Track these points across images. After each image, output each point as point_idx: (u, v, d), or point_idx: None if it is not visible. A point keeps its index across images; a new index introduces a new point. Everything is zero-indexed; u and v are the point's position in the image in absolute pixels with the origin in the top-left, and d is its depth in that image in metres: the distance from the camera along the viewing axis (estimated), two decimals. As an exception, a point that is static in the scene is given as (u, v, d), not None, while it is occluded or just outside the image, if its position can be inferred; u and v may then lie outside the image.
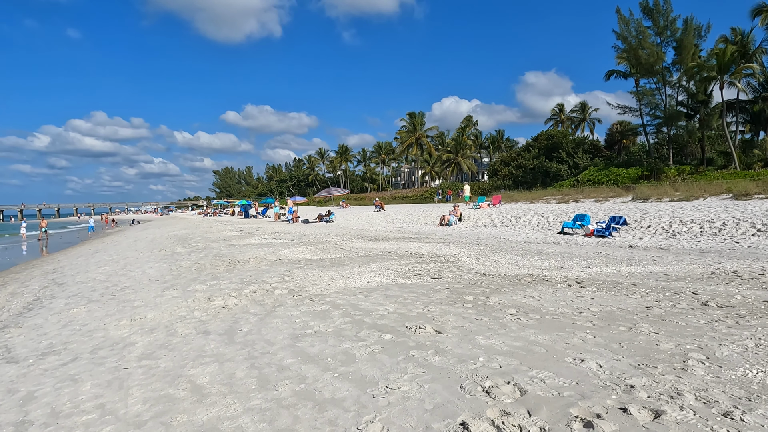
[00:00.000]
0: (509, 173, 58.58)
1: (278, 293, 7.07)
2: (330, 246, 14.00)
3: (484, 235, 17.42)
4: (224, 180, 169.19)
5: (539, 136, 59.74)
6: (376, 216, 31.86)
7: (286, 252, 12.86)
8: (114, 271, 12.07)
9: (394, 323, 5.04)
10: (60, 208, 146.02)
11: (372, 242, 14.97)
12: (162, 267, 11.74)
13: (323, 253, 12.23)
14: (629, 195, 28.45)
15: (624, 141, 60.53)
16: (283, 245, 14.96)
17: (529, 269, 8.57)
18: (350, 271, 8.91)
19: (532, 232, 16.88)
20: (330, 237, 17.66)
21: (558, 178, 51.72)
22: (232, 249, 14.57)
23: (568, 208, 21.61)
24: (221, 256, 12.90)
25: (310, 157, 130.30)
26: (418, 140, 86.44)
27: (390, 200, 63.72)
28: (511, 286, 6.91)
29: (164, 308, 6.90)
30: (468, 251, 11.67)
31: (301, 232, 21.49)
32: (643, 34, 41.17)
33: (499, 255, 10.75)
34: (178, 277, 9.89)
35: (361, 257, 11.13)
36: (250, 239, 18.05)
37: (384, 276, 8.20)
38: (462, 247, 12.65)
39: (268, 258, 11.65)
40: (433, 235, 18.50)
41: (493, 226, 20.02)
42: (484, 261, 9.82)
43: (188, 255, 14.02)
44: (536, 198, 33.46)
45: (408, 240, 15.60)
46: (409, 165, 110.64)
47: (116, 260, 15.12)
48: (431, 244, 13.66)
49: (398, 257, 10.88)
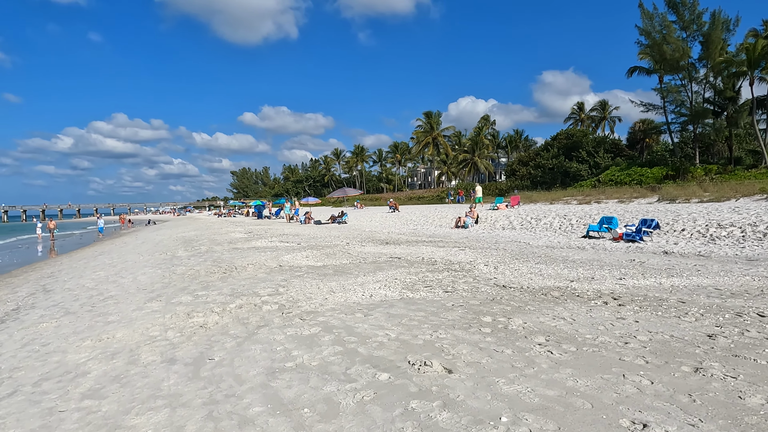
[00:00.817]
0: (527, 173, 57.14)
1: (266, 309, 6.16)
2: (337, 251, 13.09)
3: (502, 238, 16.36)
4: (241, 180, 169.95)
5: (558, 135, 58.25)
6: (390, 217, 30.92)
7: (289, 257, 11.99)
8: (106, 277, 11.32)
9: (395, 355, 4.08)
10: (81, 209, 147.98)
11: (382, 246, 14.03)
12: (155, 273, 10.94)
13: (328, 259, 11.32)
14: (654, 195, 27.10)
15: (647, 140, 58.62)
16: (288, 249, 14.10)
17: (556, 280, 7.54)
18: (353, 282, 7.98)
19: (555, 236, 15.77)
20: (339, 240, 16.76)
21: (578, 178, 50.22)
22: (234, 253, 13.75)
23: (591, 210, 20.42)
24: (220, 261, 12.07)
25: (326, 158, 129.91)
26: (434, 140, 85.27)
27: (405, 201, 62.73)
28: (536, 303, 5.91)
29: (137, 325, 6.05)
30: (485, 258, 10.66)
31: (311, 234, 20.65)
32: (668, 28, 39.56)
33: (520, 262, 9.73)
34: (168, 285, 9.06)
35: (368, 264, 10.19)
36: (256, 242, 17.25)
37: (390, 288, 7.25)
38: (479, 253, 11.64)
39: (268, 264, 10.78)
40: (447, 238, 17.49)
41: (511, 229, 18.93)
42: (503, 270, 8.81)
43: (187, 259, 13.24)
44: (556, 198, 32.21)
45: (421, 244, 14.62)
46: (425, 165, 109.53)
47: (114, 264, 14.41)
48: (445, 249, 12.67)
49: (408, 264, 9.92)
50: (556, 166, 53.58)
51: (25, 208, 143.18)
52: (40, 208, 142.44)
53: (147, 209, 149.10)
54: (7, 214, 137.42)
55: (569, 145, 54.62)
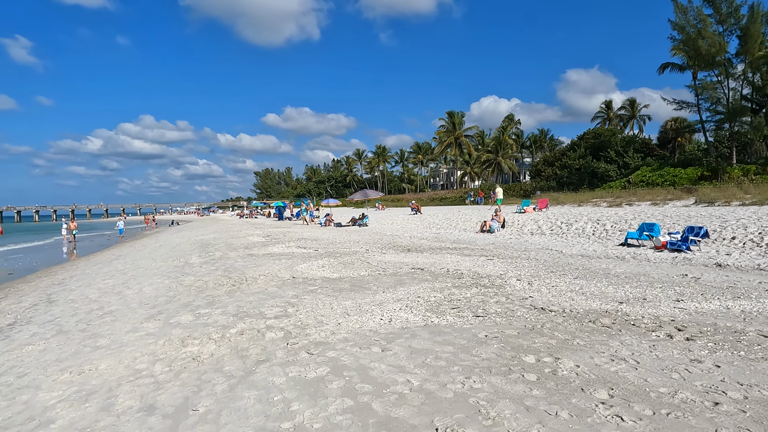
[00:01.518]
0: (553, 174, 55.58)
1: (270, 337, 5.37)
2: (355, 259, 12.29)
3: (532, 245, 15.35)
4: (264, 181, 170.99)
5: (585, 135, 56.58)
6: (412, 219, 30.05)
7: (305, 267, 11.23)
8: (112, 287, 10.73)
9: (418, 417, 3.23)
10: (108, 209, 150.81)
11: (404, 254, 13.18)
12: (162, 284, 10.29)
13: (346, 269, 10.52)
14: (690, 197, 25.67)
15: (678, 139, 56.49)
16: (304, 257, 13.36)
17: (601, 301, 6.60)
18: (371, 300, 7.15)
19: (589, 243, 14.71)
20: (358, 246, 15.97)
21: (606, 179, 48.57)
22: (248, 261, 13.06)
23: (625, 214, 19.23)
24: (232, 270, 11.38)
25: (347, 158, 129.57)
26: (457, 140, 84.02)
27: (428, 201, 61.75)
28: (584, 334, 5.00)
29: (125, 354, 5.33)
30: (517, 269, 9.73)
31: (330, 238, 19.91)
32: (704, 22, 37.79)
33: (557, 276, 8.78)
34: (171, 299, 8.37)
35: (388, 276, 9.36)
36: (272, 247, 16.57)
37: (412, 309, 6.41)
38: (509, 263, 10.70)
39: (281, 275, 10.03)
40: (473, 243, 16.55)
41: (541, 234, 17.89)
42: (538, 286, 7.88)
43: (199, 267, 12.60)
44: (584, 200, 30.91)
45: (445, 252, 13.73)
46: (447, 165, 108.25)
47: (125, 271, 13.88)
48: (472, 259, 11.76)
49: (432, 277, 9.05)
50: (583, 166, 51.97)
51: (56, 208, 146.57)
52: (69, 208, 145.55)
53: (172, 209, 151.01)
54: (38, 213, 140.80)
55: (597, 145, 52.95)
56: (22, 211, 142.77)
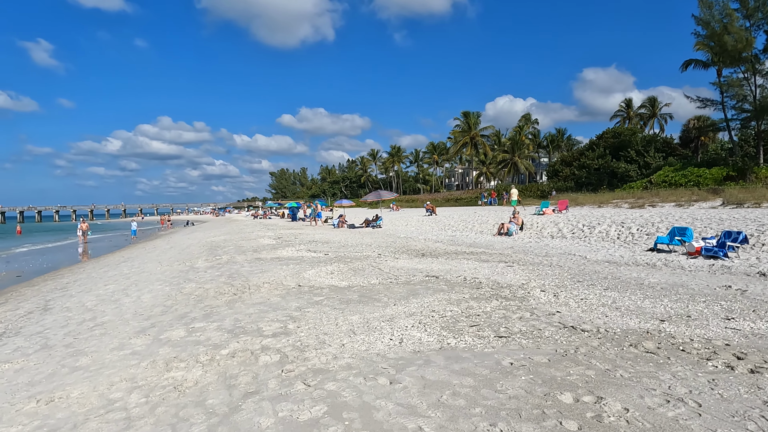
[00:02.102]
0: (571, 174, 54.40)
1: (264, 361, 4.74)
2: (366, 265, 11.64)
3: (553, 249, 14.56)
4: (280, 181, 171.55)
5: (605, 134, 55.29)
6: (427, 221, 29.34)
7: (313, 273, 10.61)
8: (111, 294, 10.22)
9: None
10: (126, 209, 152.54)
11: (418, 259, 12.50)
12: (163, 291, 9.75)
13: (355, 277, 9.88)
14: (717, 198, 24.57)
15: (702, 138, 54.86)
16: (313, 261, 12.75)
17: (640, 319, 5.86)
18: (381, 314, 6.49)
19: (614, 248, 13.87)
20: (371, 250, 15.31)
21: (626, 180, 47.34)
22: (255, 265, 12.49)
23: (651, 216, 18.30)
24: (236, 276, 10.81)
25: (362, 158, 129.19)
26: (472, 140, 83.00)
27: (443, 202, 60.94)
28: (627, 362, 4.28)
29: (103, 378, 4.75)
30: (540, 278, 8.99)
31: (342, 241, 19.30)
32: (730, 17, 36.51)
33: (584, 287, 8.03)
34: (167, 310, 7.81)
35: (401, 285, 8.69)
36: (282, 251, 16.00)
37: (426, 327, 5.73)
38: (530, 270, 9.96)
39: (286, 283, 9.42)
40: (490, 247, 15.80)
41: (562, 238, 17.06)
42: (566, 298, 7.15)
43: (204, 272, 12.06)
44: (604, 201, 29.90)
45: (461, 256, 13.02)
46: (463, 166, 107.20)
47: (129, 275, 13.41)
48: (490, 265, 11.03)
49: (448, 287, 8.36)
50: (603, 166, 50.75)
51: (75, 208, 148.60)
52: (88, 208, 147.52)
53: (189, 209, 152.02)
54: (58, 214, 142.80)
55: (616, 144, 51.69)
56: (42, 211, 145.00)
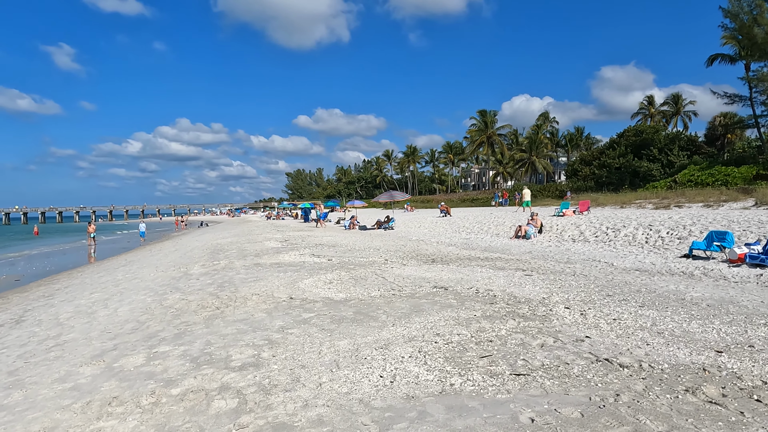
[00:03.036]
0: (591, 173, 52.72)
1: (216, 409, 3.76)
2: (370, 273, 10.64)
3: (575, 254, 13.40)
4: (296, 182, 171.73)
5: (626, 132, 53.51)
6: (441, 223, 28.25)
7: (310, 282, 9.65)
8: (90, 305, 9.39)
9: None
10: (144, 209, 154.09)
11: (427, 267, 11.47)
12: (144, 302, 8.88)
13: (355, 287, 8.89)
14: (749, 199, 23.07)
15: (728, 135, 52.81)
16: (313, 268, 11.80)
17: (689, 348, 4.76)
18: (374, 338, 5.49)
19: (643, 253, 12.67)
20: (378, 255, 14.32)
21: (649, 179, 45.64)
22: (251, 272, 11.58)
23: (681, 218, 16.98)
24: (227, 285, 9.90)
25: (377, 159, 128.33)
26: (489, 139, 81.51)
27: (458, 203, 59.71)
28: (688, 420, 3.22)
29: (21, 426, 3.83)
30: (563, 290, 7.90)
31: (350, 244, 18.34)
32: (760, 8, 34.76)
33: (616, 302, 6.92)
34: (139, 327, 6.91)
35: (404, 299, 7.68)
36: (285, 255, 15.10)
37: (426, 358, 4.71)
38: (552, 281, 8.86)
39: (277, 295, 8.46)
40: (507, 251, 14.69)
41: (584, 241, 15.86)
42: (595, 318, 6.07)
43: (195, 279, 11.18)
44: (626, 202, 28.48)
45: (475, 263, 11.94)
46: (479, 165, 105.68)
47: (120, 282, 12.61)
48: (506, 273, 9.95)
49: (458, 301, 7.33)
50: (624, 165, 49.04)
51: (95, 209, 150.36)
52: (107, 209, 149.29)
53: (206, 210, 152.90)
54: (78, 214, 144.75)
55: (638, 143, 49.94)
56: (63, 212, 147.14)
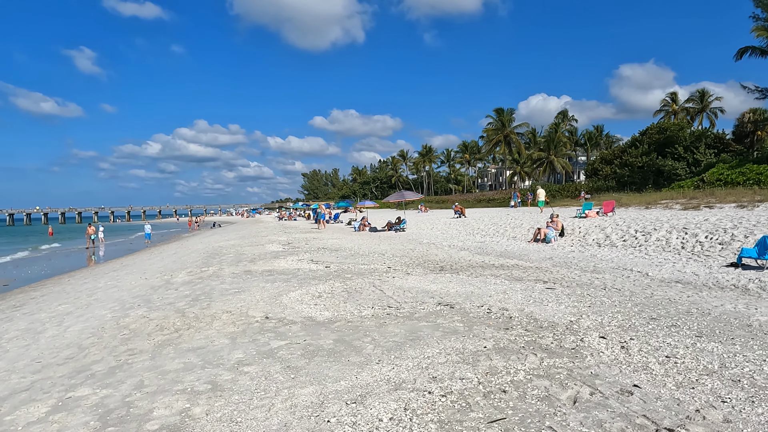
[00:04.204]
0: (612, 172, 50.74)
1: None
2: (368, 284, 9.30)
3: (602, 262, 11.92)
4: (312, 182, 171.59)
5: (649, 130, 51.38)
6: (455, 224, 26.82)
7: (295, 296, 8.35)
8: (44, 322, 8.24)
9: None
10: (162, 210, 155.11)
11: (433, 276, 10.09)
12: (102, 319, 7.67)
13: (346, 303, 7.56)
14: (787, 199, 21.30)
15: (758, 132, 50.38)
16: (306, 277, 10.50)
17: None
18: (349, 384, 4.16)
19: (681, 261, 11.12)
20: (382, 261, 12.99)
21: (673, 178, 43.60)
22: (236, 282, 10.33)
23: (719, 220, 15.32)
24: (201, 299, 8.65)
25: (393, 159, 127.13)
26: (506, 138, 79.63)
27: (474, 203, 58.12)
28: None
29: None
30: (594, 311, 6.47)
31: (355, 248, 17.04)
32: (796, -4, 32.75)
33: (663, 328, 5.49)
34: (73, 357, 5.68)
35: (400, 321, 6.33)
36: (281, 261, 13.84)
37: (414, 421, 3.38)
38: (579, 296, 7.43)
39: (252, 313, 7.17)
40: (525, 257, 13.26)
41: (611, 246, 14.33)
42: (641, 353, 4.66)
43: (174, 290, 9.95)
44: (651, 202, 26.70)
45: (488, 271, 10.53)
46: (496, 165, 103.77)
47: (95, 292, 11.48)
48: (524, 286, 8.54)
49: (465, 325, 5.96)
50: (647, 164, 46.96)
51: (113, 209, 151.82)
52: (125, 210, 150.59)
53: (222, 211, 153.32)
54: (97, 215, 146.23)
55: (662, 141, 47.81)
56: (82, 213, 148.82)
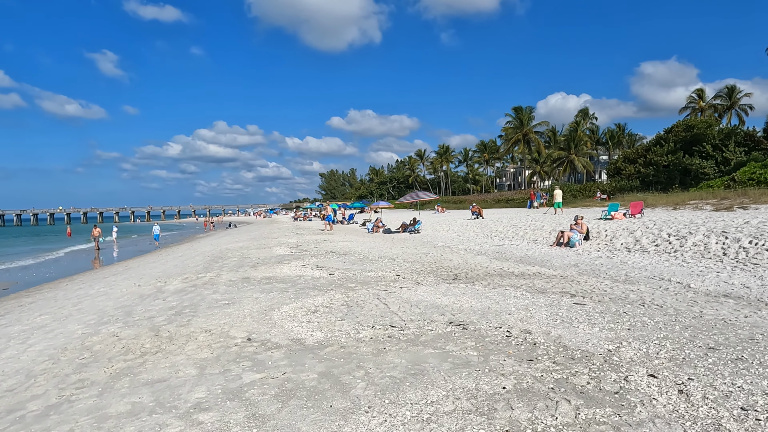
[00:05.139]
0: (636, 172, 48.97)
1: None
2: (371, 296, 8.31)
3: (634, 270, 10.75)
4: (329, 182, 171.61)
5: (674, 128, 49.50)
6: (472, 226, 25.70)
7: (288, 310, 7.40)
8: (10, 338, 7.42)
9: None
10: (180, 210, 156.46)
11: (446, 286, 9.05)
12: (70, 336, 6.81)
13: (343, 322, 6.58)
14: (830, 199, 19.81)
15: (792, 129, 48.18)
16: (307, 286, 9.55)
17: None
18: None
19: (725, 270, 9.90)
20: (390, 268, 11.99)
21: (702, 177, 41.81)
22: (229, 292, 9.42)
23: (762, 223, 13.99)
24: (185, 312, 7.74)
25: (410, 158, 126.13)
26: (525, 137, 77.95)
27: (492, 203, 56.75)
28: None
29: None
30: (635, 335, 5.37)
31: (365, 252, 16.07)
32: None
33: (728, 366, 4.40)
34: (15, 388, 4.81)
35: (401, 347, 5.32)
36: (284, 266, 12.94)
37: None
38: (614, 315, 6.33)
39: (234, 333, 6.23)
40: (548, 263, 12.14)
41: (642, 252, 13.13)
42: (707, 403, 3.59)
43: (162, 300, 9.09)
44: (680, 203, 25.26)
45: (507, 280, 9.44)
46: (514, 165, 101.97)
47: (80, 301, 10.71)
48: (549, 300, 7.45)
49: (480, 353, 4.92)
50: (673, 163, 45.13)
51: (133, 209, 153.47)
52: (145, 210, 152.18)
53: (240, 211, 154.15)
54: (118, 215, 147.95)
55: (689, 139, 45.96)
56: (104, 213, 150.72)
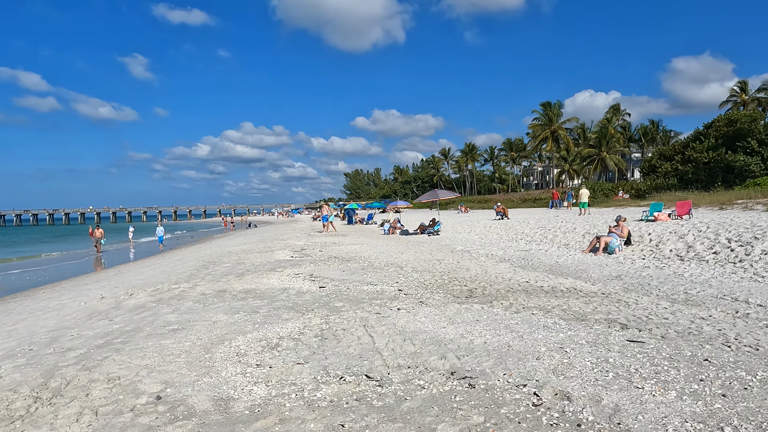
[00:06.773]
0: (673, 169, 45.97)
1: None
2: (357, 323, 6.50)
3: (694, 285, 8.69)
4: (354, 182, 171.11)
5: (715, 122, 46.38)
6: (496, 227, 23.68)
7: (241, 344, 5.65)
8: None
9: None
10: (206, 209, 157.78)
11: (456, 308, 7.17)
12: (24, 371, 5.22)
13: (307, 365, 4.80)
14: None
15: None
16: (284, 306, 7.80)
17: None
18: None
19: (816, 288, 7.80)
20: (394, 280, 10.17)
21: (747, 175, 38.82)
22: (189, 312, 7.73)
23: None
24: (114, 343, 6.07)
25: (434, 157, 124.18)
26: (553, 134, 74.99)
27: (518, 203, 54.35)
28: None
29: None
30: (736, 412, 3.46)
31: (372, 257, 14.30)
32: None
33: None
34: None
35: (376, 415, 3.51)
36: (270, 277, 11.25)
37: None
38: (689, 363, 4.36)
39: (144, 388, 4.48)
40: (583, 275, 10.15)
41: (698, 260, 11.00)
42: None
43: (109, 320, 7.47)
44: (725, 202, 22.81)
45: (534, 299, 7.51)
46: (542, 163, 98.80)
47: (29, 315, 9.22)
48: (592, 335, 5.53)
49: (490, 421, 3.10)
50: (714, 159, 42.09)
51: (161, 209, 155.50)
52: (172, 209, 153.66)
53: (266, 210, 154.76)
54: (146, 214, 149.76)
55: (731, 134, 42.85)
56: (132, 212, 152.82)
